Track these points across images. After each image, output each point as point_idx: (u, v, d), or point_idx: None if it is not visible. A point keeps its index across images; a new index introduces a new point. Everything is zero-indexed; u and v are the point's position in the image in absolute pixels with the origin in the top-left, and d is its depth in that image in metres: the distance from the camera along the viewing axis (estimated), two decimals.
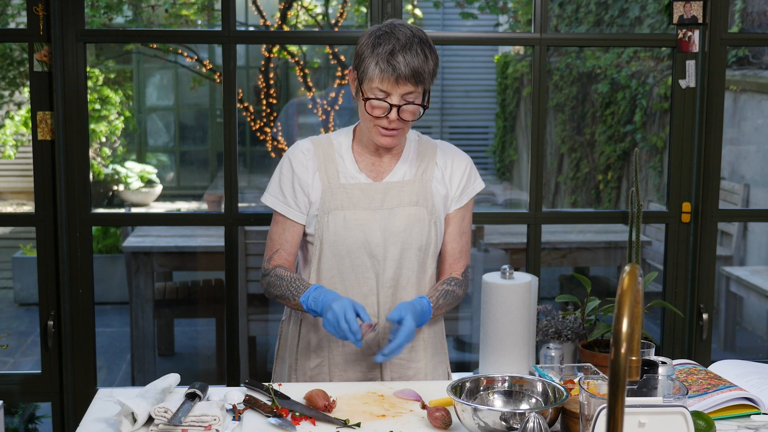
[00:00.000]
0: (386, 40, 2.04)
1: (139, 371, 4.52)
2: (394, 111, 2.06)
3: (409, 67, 2.02)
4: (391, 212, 2.17)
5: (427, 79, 2.07)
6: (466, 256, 2.26)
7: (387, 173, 2.20)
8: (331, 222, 2.15)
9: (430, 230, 2.19)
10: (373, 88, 2.05)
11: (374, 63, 2.03)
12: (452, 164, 2.24)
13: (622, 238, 4.71)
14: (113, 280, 6.34)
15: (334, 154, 2.20)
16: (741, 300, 5.47)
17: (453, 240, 2.25)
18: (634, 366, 1.27)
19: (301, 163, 2.19)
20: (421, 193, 2.19)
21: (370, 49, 2.05)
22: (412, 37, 2.05)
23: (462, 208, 2.25)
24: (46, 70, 2.88)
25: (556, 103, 8.63)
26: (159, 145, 10.63)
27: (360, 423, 1.83)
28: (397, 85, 2.04)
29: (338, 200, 2.16)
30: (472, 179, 2.26)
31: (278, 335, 2.33)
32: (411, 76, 2.03)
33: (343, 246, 2.16)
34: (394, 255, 2.16)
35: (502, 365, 2.10)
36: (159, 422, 1.77)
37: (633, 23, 7.36)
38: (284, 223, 2.20)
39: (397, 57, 2.02)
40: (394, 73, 2.02)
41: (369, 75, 2.05)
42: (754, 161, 5.80)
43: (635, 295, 1.20)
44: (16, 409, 3.78)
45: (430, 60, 2.06)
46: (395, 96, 2.05)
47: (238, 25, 7.31)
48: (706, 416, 1.76)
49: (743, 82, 5.92)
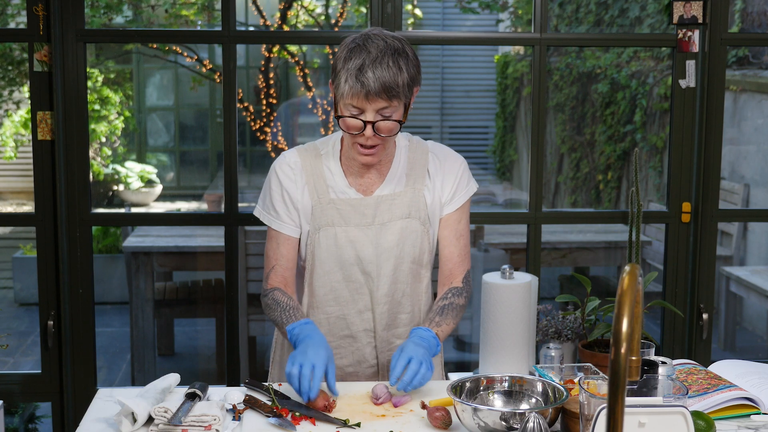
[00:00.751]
0: (357, 54, 1.96)
1: (139, 371, 4.52)
2: (369, 128, 1.99)
3: (379, 82, 1.93)
4: (382, 227, 2.12)
5: (401, 92, 1.97)
6: (466, 260, 2.20)
7: (377, 186, 2.14)
8: (322, 239, 2.12)
9: (423, 241, 2.15)
10: (347, 105, 1.99)
11: (344, 79, 1.96)
12: (444, 169, 2.18)
13: (622, 238, 4.71)
14: (113, 280, 6.35)
15: (322, 167, 2.14)
16: (741, 300, 5.47)
17: (450, 244, 2.19)
18: (634, 366, 1.27)
19: (289, 177, 2.14)
20: (413, 204, 2.14)
21: (342, 63, 1.98)
22: (384, 49, 1.96)
23: (457, 210, 2.19)
24: (46, 70, 2.88)
25: (556, 103, 8.63)
26: (159, 145, 10.63)
27: (360, 423, 1.83)
28: (368, 101, 1.95)
29: (329, 217, 2.12)
30: (465, 182, 2.20)
31: (273, 339, 2.33)
32: (381, 91, 1.94)
33: (335, 263, 2.13)
34: (388, 271, 2.13)
35: (502, 365, 2.10)
36: (159, 422, 1.77)
37: (633, 23, 7.37)
38: (278, 238, 2.16)
39: (366, 73, 1.93)
40: (363, 89, 1.94)
41: (341, 91, 1.97)
42: (754, 161, 5.80)
43: (635, 295, 1.20)
44: (16, 409, 3.78)
45: (405, 71, 1.97)
46: (369, 112, 1.98)
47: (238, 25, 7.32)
48: (706, 416, 1.76)
49: (743, 82, 5.92)
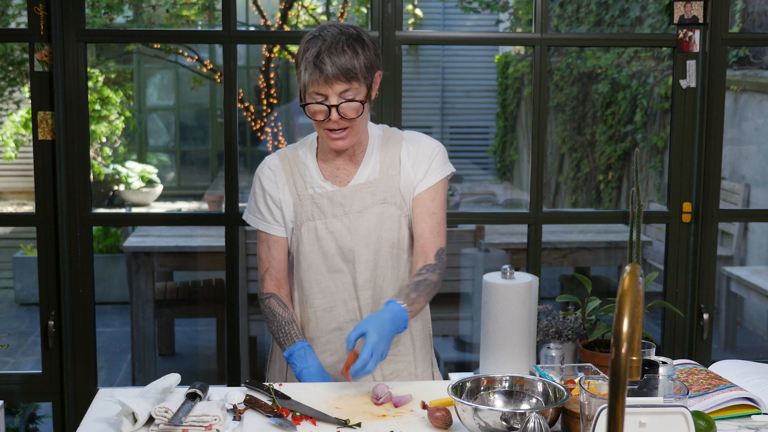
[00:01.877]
0: (313, 43, 2.04)
1: (139, 371, 4.52)
2: (334, 111, 2.05)
3: (336, 66, 2.01)
4: (359, 215, 2.17)
5: (360, 74, 2.04)
6: (438, 237, 2.21)
7: (352, 177, 2.19)
8: (304, 234, 2.18)
9: (401, 226, 2.19)
10: (310, 93, 2.06)
11: (304, 68, 2.04)
12: (417, 152, 2.21)
13: (622, 238, 4.71)
14: (114, 280, 6.35)
15: (300, 165, 2.21)
16: (741, 300, 5.47)
17: (422, 221, 2.20)
18: (634, 366, 1.27)
19: (270, 179, 2.22)
20: (388, 189, 2.18)
21: (301, 55, 2.06)
22: (338, 36, 2.04)
23: (429, 189, 2.20)
24: (46, 70, 2.88)
25: (556, 103, 8.63)
26: (159, 145, 10.63)
27: (360, 423, 1.82)
28: (328, 85, 2.03)
29: (308, 211, 2.18)
30: (438, 163, 2.21)
31: (271, 340, 2.34)
32: (340, 74, 2.01)
33: (318, 256, 2.18)
34: (367, 257, 2.17)
35: (503, 365, 2.10)
36: (159, 422, 1.77)
37: (633, 23, 7.36)
38: (268, 240, 2.23)
39: (324, 59, 2.01)
40: (321, 74, 2.01)
41: (302, 81, 2.06)
42: (754, 161, 5.80)
43: (636, 295, 1.20)
44: (16, 409, 3.78)
45: (362, 55, 2.04)
46: (333, 96, 2.04)
47: (239, 25, 7.32)
48: (706, 416, 1.76)
49: (744, 82, 5.92)
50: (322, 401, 1.95)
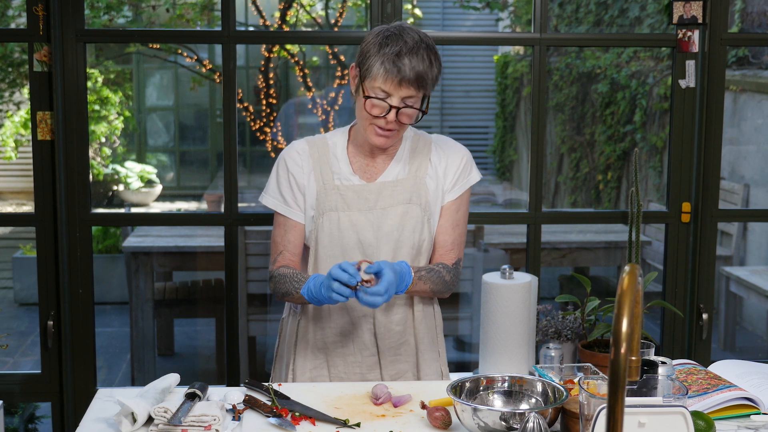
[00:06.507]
0: (394, 41, 2.05)
1: (139, 371, 4.52)
2: (393, 112, 2.07)
3: (414, 71, 2.03)
4: (383, 212, 2.17)
5: (429, 85, 2.08)
6: (458, 249, 2.24)
7: (380, 173, 2.20)
8: (325, 223, 2.17)
9: (423, 228, 2.19)
10: (374, 87, 2.06)
11: (380, 62, 2.04)
12: (447, 158, 2.23)
13: (622, 238, 4.71)
14: (113, 280, 6.34)
15: (329, 155, 2.21)
16: (741, 300, 5.47)
17: (445, 232, 2.23)
18: (633, 366, 1.27)
19: (297, 163, 2.20)
20: (414, 190, 2.19)
21: (376, 48, 2.05)
22: (419, 42, 2.06)
23: (456, 200, 2.23)
24: (45, 70, 2.88)
25: (556, 103, 8.63)
26: (159, 145, 10.63)
27: (360, 423, 1.83)
28: (400, 87, 2.04)
29: (332, 202, 2.17)
30: (467, 171, 2.24)
31: (278, 333, 2.34)
32: (414, 80, 2.04)
33: (337, 247, 2.17)
34: (387, 254, 2.17)
35: (502, 365, 2.10)
36: (159, 422, 1.77)
37: (633, 23, 7.37)
38: (285, 224, 2.21)
39: (403, 59, 2.02)
40: (398, 74, 2.03)
41: (373, 74, 2.05)
42: (754, 161, 5.80)
43: (635, 295, 1.20)
44: (16, 409, 3.78)
45: (434, 67, 2.07)
46: (395, 98, 2.06)
47: (238, 25, 7.32)
48: (706, 416, 1.76)
49: (743, 82, 5.92)
50: (322, 401, 1.95)
